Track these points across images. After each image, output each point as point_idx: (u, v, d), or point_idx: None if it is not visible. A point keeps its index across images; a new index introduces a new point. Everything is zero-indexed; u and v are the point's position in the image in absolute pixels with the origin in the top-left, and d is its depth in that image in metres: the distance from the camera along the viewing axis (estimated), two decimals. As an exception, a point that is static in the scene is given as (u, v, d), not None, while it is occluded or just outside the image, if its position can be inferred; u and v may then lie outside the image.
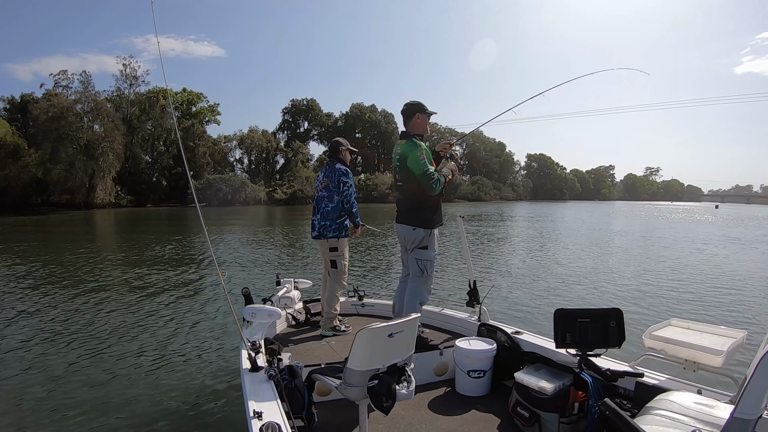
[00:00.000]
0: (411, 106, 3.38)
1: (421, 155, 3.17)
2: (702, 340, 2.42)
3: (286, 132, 72.55)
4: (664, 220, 32.85)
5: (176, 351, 4.96)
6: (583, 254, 13.29)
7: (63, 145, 41.77)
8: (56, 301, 7.26)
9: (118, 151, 45.45)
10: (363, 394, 2.06)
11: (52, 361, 4.67)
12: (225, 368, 4.44)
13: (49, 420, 3.45)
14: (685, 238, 18.58)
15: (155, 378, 4.23)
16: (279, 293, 3.85)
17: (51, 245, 15.45)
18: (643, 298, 7.54)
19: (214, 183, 51.09)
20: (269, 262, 11.42)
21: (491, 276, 9.53)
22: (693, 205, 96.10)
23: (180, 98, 57.93)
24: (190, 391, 3.93)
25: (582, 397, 2.48)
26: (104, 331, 5.64)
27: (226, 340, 5.25)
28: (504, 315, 6.23)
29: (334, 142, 4.04)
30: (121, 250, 14.53)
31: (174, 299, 7.40)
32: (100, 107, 45.18)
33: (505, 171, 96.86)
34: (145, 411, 3.58)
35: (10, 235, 19.58)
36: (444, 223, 3.59)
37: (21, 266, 10.53)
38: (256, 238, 17.27)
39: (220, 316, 6.27)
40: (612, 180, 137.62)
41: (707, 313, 6.72)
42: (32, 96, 46.62)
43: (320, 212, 3.87)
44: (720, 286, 8.76)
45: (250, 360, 2.39)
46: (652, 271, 10.39)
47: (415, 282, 3.36)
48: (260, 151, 62.46)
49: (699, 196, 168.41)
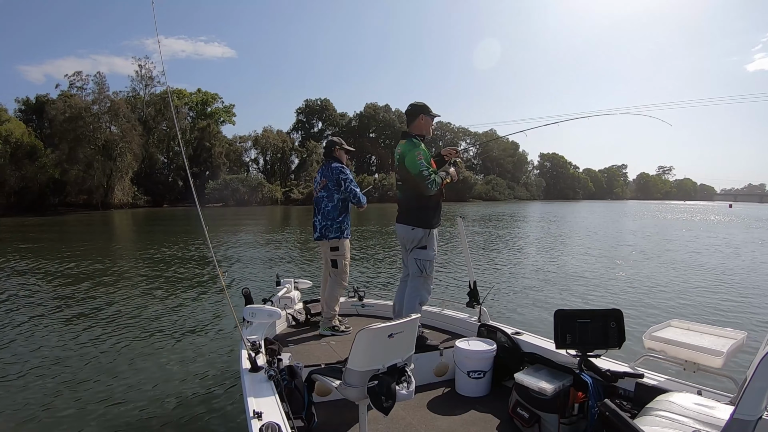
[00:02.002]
0: (416, 107, 3.39)
1: (419, 155, 3.17)
2: (702, 341, 2.41)
3: (300, 132, 73.22)
4: (686, 223, 28.64)
5: (176, 350, 4.96)
6: (584, 254, 13.28)
7: (81, 145, 42.02)
8: (58, 297, 7.27)
9: (136, 152, 45.68)
10: (363, 395, 2.06)
11: (50, 354, 4.67)
12: (225, 368, 4.44)
13: (48, 419, 3.45)
14: (726, 244, 16.34)
15: (155, 377, 4.23)
16: (279, 293, 3.85)
17: (69, 244, 15.47)
18: (643, 299, 7.54)
19: (231, 183, 51.34)
20: (270, 261, 11.42)
21: (491, 277, 9.53)
22: (706, 204, 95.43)
23: (195, 98, 58.08)
24: (190, 391, 3.93)
25: (582, 397, 2.48)
26: (102, 331, 5.64)
27: (226, 340, 5.25)
28: (504, 315, 6.24)
29: (328, 141, 4.06)
30: (130, 249, 14.63)
31: (174, 299, 7.40)
32: (117, 107, 45.28)
33: (519, 170, 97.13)
34: (144, 410, 3.58)
35: (29, 235, 19.61)
36: (442, 223, 3.58)
37: (32, 264, 10.54)
38: (260, 238, 17.30)
39: (220, 316, 6.27)
40: (625, 179, 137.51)
41: (707, 313, 6.71)
42: (47, 97, 46.91)
43: (321, 213, 3.87)
44: (720, 286, 8.75)
45: (250, 360, 2.39)
46: (652, 270, 10.39)
47: (414, 282, 3.36)
48: (275, 151, 62.61)
49: (712, 195, 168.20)
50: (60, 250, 13.87)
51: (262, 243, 15.86)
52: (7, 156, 37.73)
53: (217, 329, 5.73)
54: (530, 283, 8.88)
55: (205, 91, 60.02)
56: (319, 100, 74.14)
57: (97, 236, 20.15)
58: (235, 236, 17.85)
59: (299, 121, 74.43)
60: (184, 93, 56.57)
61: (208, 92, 60.17)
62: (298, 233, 19.80)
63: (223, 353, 4.86)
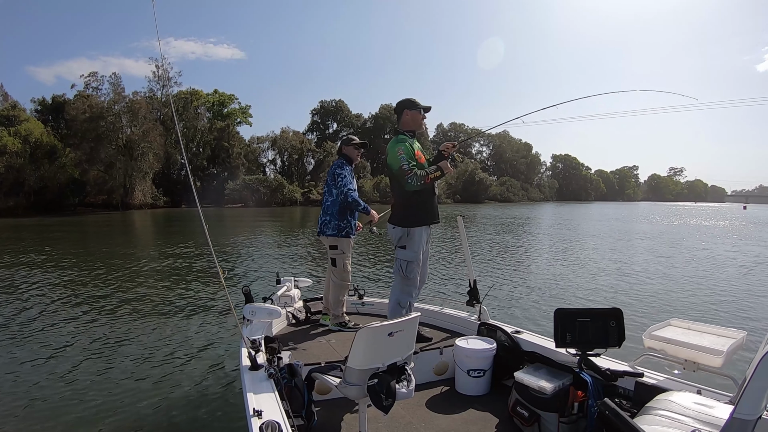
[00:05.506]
0: (399, 103, 3.37)
1: (399, 151, 3.12)
2: (702, 341, 2.41)
3: (315, 133, 73.35)
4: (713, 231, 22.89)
5: (176, 349, 4.96)
6: (584, 255, 13.28)
7: (102, 145, 41.94)
8: (59, 296, 7.28)
9: (158, 152, 45.54)
10: (363, 393, 2.06)
11: (49, 355, 4.68)
12: (225, 366, 4.44)
13: (47, 417, 3.45)
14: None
15: (155, 376, 4.23)
16: (279, 292, 3.85)
17: (84, 243, 15.49)
18: (643, 298, 7.54)
19: (251, 184, 51.58)
20: (271, 259, 11.43)
21: (491, 275, 9.53)
22: (719, 206, 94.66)
23: (211, 99, 57.95)
24: (190, 389, 3.93)
25: (581, 396, 2.47)
26: (102, 331, 5.65)
27: (226, 339, 5.25)
28: (504, 314, 6.23)
29: (340, 140, 4.04)
30: (141, 248, 14.59)
31: (175, 297, 7.41)
32: (138, 107, 45.11)
33: (532, 171, 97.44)
34: (144, 409, 3.58)
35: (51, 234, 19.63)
36: (432, 223, 3.34)
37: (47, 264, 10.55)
38: (265, 237, 17.32)
39: (221, 315, 6.28)
40: (636, 180, 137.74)
41: (707, 313, 6.71)
42: (64, 97, 46.74)
43: (322, 208, 3.88)
44: (720, 286, 8.75)
45: (250, 358, 2.39)
46: (653, 270, 10.39)
47: (394, 282, 3.31)
48: (293, 152, 62.66)
49: (723, 196, 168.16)
50: (72, 250, 13.89)
51: (265, 242, 15.88)
52: (26, 156, 37.62)
53: (217, 327, 5.73)
54: (530, 282, 8.88)
55: (222, 92, 59.79)
56: (334, 101, 74.53)
57: (114, 236, 20.22)
58: (242, 235, 17.88)
59: (314, 122, 74.79)
60: (200, 94, 56.25)
61: (224, 93, 59.88)
62: (302, 232, 19.82)
63: (223, 351, 4.87)
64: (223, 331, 5.58)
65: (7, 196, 35.83)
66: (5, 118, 39.83)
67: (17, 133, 37.87)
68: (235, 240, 16.19)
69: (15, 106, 43.13)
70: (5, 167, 35.61)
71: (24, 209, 36.21)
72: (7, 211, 34.04)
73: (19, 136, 37.76)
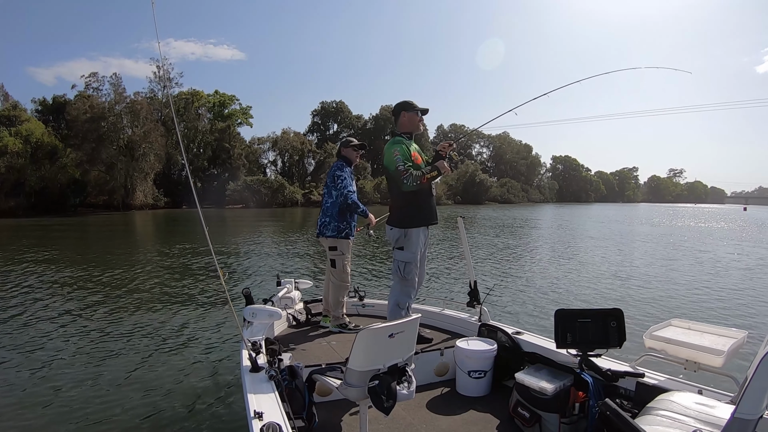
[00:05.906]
0: (396, 106, 3.40)
1: (395, 152, 3.14)
2: (702, 341, 2.41)
3: (316, 134, 73.30)
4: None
5: (177, 351, 4.97)
6: (584, 255, 13.27)
7: (103, 146, 41.89)
8: (59, 297, 7.28)
9: (159, 152, 45.55)
10: (363, 395, 2.06)
11: (48, 356, 4.67)
12: (226, 368, 4.44)
13: (47, 417, 3.45)
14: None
15: (155, 377, 4.23)
16: (280, 293, 3.85)
17: (86, 245, 15.50)
18: (644, 299, 7.54)
19: (252, 185, 51.62)
20: (271, 261, 11.43)
21: (492, 276, 9.52)
22: (719, 207, 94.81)
23: (212, 100, 57.95)
24: (191, 391, 3.93)
25: (582, 397, 2.47)
26: (101, 331, 5.65)
27: (227, 341, 5.25)
28: (504, 315, 6.23)
29: (339, 142, 4.05)
30: (140, 249, 14.60)
31: (175, 298, 7.41)
32: (139, 107, 45.13)
33: (532, 173, 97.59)
34: (145, 410, 3.58)
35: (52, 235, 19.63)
36: (430, 224, 3.34)
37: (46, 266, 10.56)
38: (266, 238, 17.31)
39: (221, 317, 6.27)
40: (636, 182, 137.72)
41: (708, 313, 6.71)
42: (64, 97, 46.78)
43: (321, 209, 3.88)
44: (720, 286, 8.74)
45: (251, 360, 2.39)
46: (653, 271, 10.38)
47: (392, 283, 3.33)
48: (294, 153, 62.63)
49: (722, 197, 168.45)
50: (72, 251, 13.89)
51: (265, 243, 15.87)
52: (27, 156, 37.59)
53: (217, 329, 5.73)
54: (531, 283, 8.88)
55: (222, 93, 59.76)
56: (335, 102, 74.50)
57: (115, 237, 20.24)
58: (243, 237, 17.89)
59: (315, 123, 74.75)
60: (201, 94, 56.23)
61: (225, 94, 59.83)
62: (303, 234, 19.81)
63: (224, 353, 4.87)
64: (224, 332, 5.58)
65: (8, 196, 35.89)
66: (6, 119, 39.93)
67: (18, 134, 37.97)
68: (236, 241, 16.20)
69: (16, 107, 43.26)
70: (6, 168, 35.72)
71: (25, 210, 36.23)
72: (7, 212, 34.05)
73: (20, 137, 37.84)
